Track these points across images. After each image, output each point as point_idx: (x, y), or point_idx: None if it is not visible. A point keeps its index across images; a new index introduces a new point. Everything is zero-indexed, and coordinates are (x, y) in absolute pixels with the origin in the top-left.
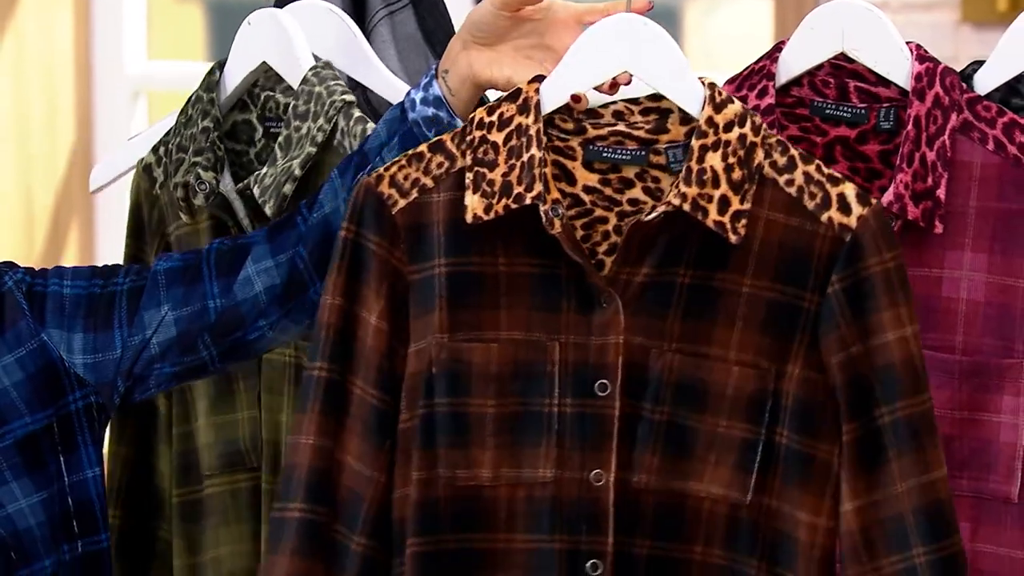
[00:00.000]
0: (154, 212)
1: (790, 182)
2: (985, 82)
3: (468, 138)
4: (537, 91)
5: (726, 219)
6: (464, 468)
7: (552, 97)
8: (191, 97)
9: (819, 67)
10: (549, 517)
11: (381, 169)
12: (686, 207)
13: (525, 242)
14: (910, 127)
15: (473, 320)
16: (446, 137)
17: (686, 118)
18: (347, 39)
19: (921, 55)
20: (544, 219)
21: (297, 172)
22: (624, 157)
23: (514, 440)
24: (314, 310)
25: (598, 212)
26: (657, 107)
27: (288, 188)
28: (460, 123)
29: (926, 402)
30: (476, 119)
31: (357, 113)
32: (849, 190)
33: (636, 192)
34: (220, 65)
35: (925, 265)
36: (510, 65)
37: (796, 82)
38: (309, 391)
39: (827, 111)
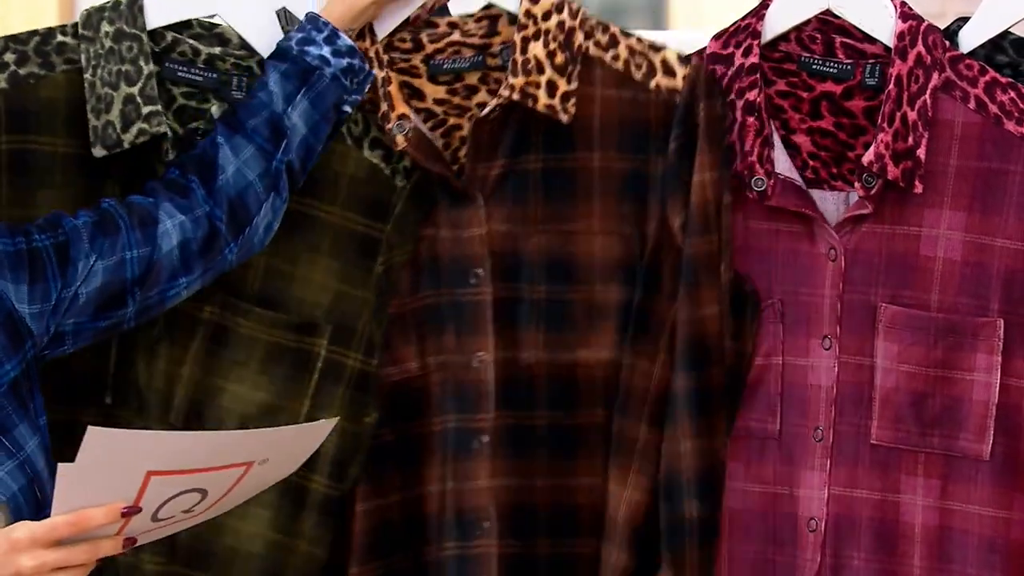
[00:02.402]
0: None
1: (616, 57)
2: (970, 39)
3: None
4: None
5: (555, 101)
6: (392, 364)
7: (385, 21)
8: (100, 19)
9: (807, 22)
10: (447, 399)
11: None
12: (516, 97)
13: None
14: (892, 86)
15: None
16: None
17: (513, 18)
18: None
19: (905, 13)
20: (389, 137)
21: None
22: (463, 65)
23: (428, 332)
24: (224, 269)
25: (452, 120)
26: (488, 14)
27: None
28: (370, 70)
29: (710, 243)
30: None
31: None
32: (671, 54)
33: (482, 96)
34: None
35: (904, 223)
36: None
37: (784, 37)
38: None
39: (814, 66)
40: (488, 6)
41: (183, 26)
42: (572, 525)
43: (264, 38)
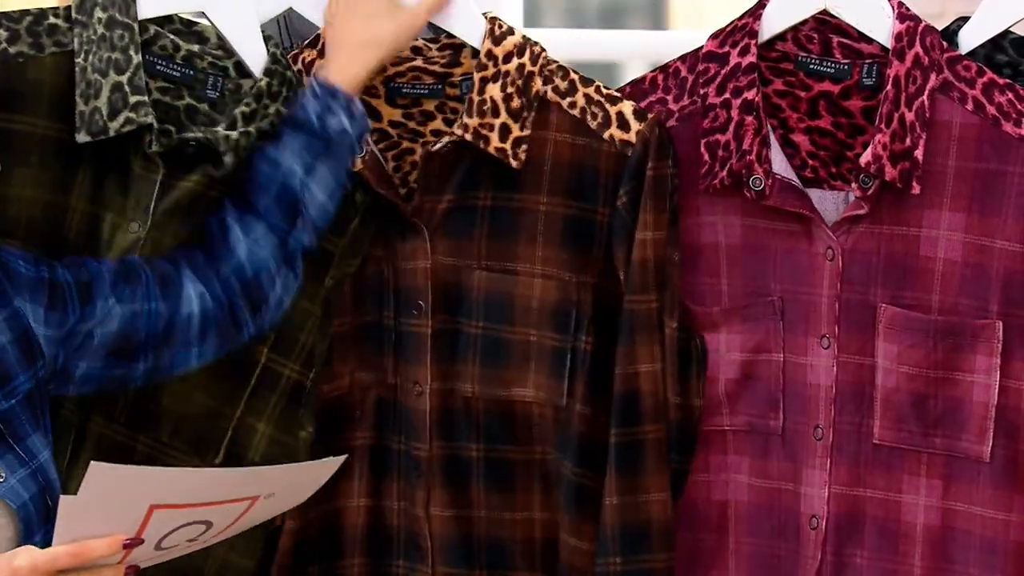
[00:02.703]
0: None
1: (572, 104)
2: (969, 39)
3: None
4: None
5: (507, 145)
6: (327, 381)
7: None
8: (95, 5)
9: (803, 22)
10: (384, 419)
11: None
12: (468, 137)
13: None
14: (889, 87)
15: None
16: None
17: (476, 52)
18: None
19: (903, 13)
20: None
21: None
22: (422, 91)
23: (367, 353)
24: (237, 345)
25: (405, 144)
26: (451, 43)
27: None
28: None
29: (650, 302)
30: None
31: None
32: (627, 108)
33: (437, 124)
34: None
35: (903, 224)
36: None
37: (781, 37)
38: None
39: (811, 66)
40: (451, 35)
41: (165, 20)
42: (507, 558)
43: (246, 40)
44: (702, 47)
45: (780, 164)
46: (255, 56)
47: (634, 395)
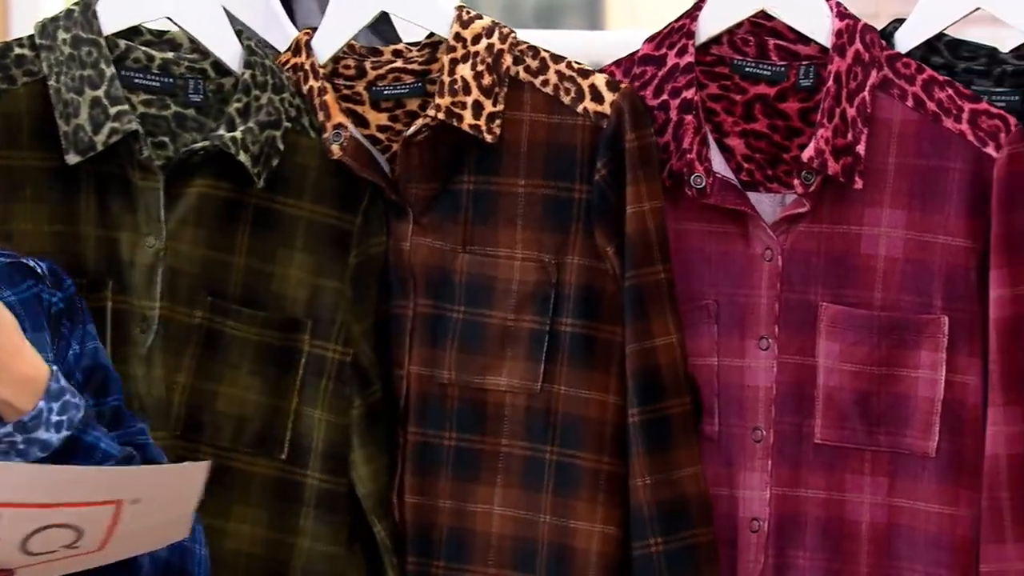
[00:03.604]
0: None
1: (545, 82)
2: (905, 40)
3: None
4: (307, 34)
5: (481, 122)
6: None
7: (327, 43)
8: (56, 27)
9: (739, 25)
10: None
11: None
12: (441, 116)
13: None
14: (831, 83)
15: None
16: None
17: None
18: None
19: (841, 12)
20: (324, 146)
21: (280, 146)
22: (403, 91)
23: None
24: None
25: (395, 147)
26: (430, 42)
27: (275, 162)
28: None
29: (657, 273)
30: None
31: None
32: (599, 80)
33: (421, 118)
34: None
35: (844, 222)
36: None
37: (716, 40)
38: None
39: (747, 69)
40: (431, 35)
41: (133, 33)
42: (464, 550)
43: (218, 38)
44: (638, 51)
45: (719, 164)
46: (231, 52)
47: (653, 370)
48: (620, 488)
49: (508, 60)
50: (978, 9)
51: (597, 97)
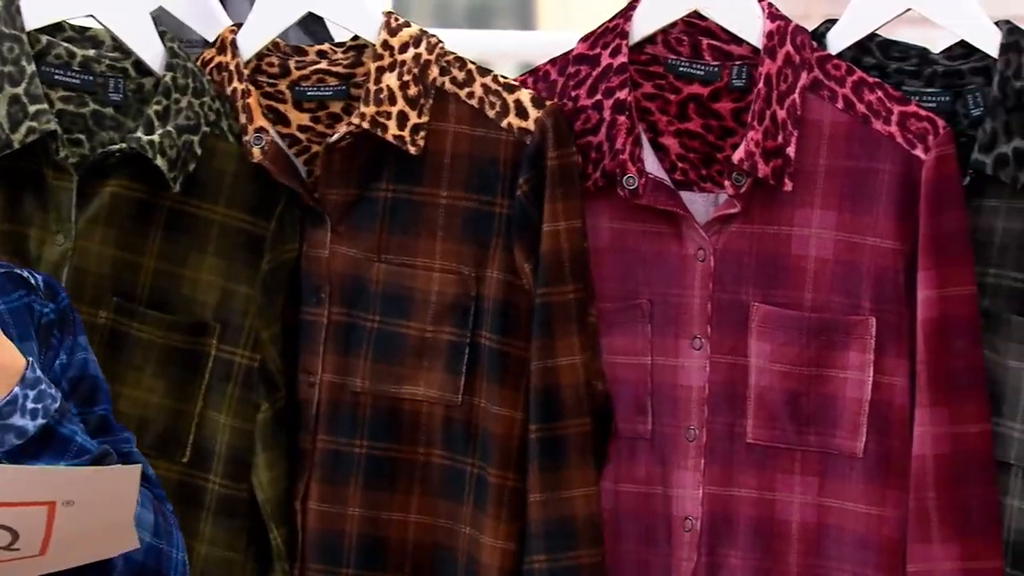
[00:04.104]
0: None
1: (471, 95)
2: (837, 41)
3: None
4: (232, 32)
5: (405, 133)
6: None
7: (251, 40)
8: None
9: (672, 25)
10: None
11: None
12: (365, 125)
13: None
14: (761, 85)
15: None
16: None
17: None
18: None
19: (772, 13)
20: (245, 149)
21: (198, 151)
22: (327, 93)
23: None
24: None
25: (315, 148)
26: (355, 44)
27: (192, 166)
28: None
29: (567, 293)
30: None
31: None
32: (524, 95)
33: (344, 125)
34: None
35: (775, 222)
36: None
37: (650, 40)
38: None
39: (680, 69)
40: (356, 36)
41: (55, 29)
42: (379, 558)
43: (140, 38)
44: (572, 50)
45: (652, 164)
46: (153, 53)
47: (554, 389)
48: (523, 505)
49: (435, 71)
50: (909, 10)
51: (522, 113)
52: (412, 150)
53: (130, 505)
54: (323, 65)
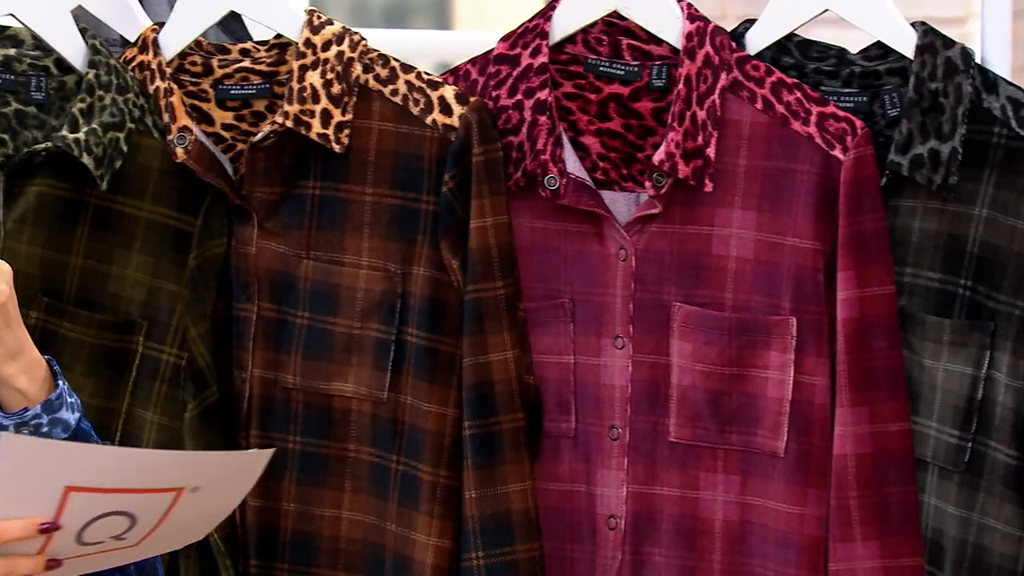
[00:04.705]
0: None
1: (394, 92)
2: (756, 41)
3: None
4: (155, 31)
5: (329, 131)
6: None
7: (173, 39)
8: None
9: (592, 24)
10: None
11: None
12: (289, 124)
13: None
14: (681, 86)
15: None
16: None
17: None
18: None
19: (692, 14)
20: (169, 149)
21: (124, 148)
22: (250, 92)
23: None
24: None
25: (239, 147)
26: (279, 42)
27: (118, 163)
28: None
29: (496, 288)
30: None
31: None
32: (448, 92)
33: (268, 124)
34: None
35: (696, 223)
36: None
37: (570, 39)
38: None
39: (601, 68)
40: (279, 35)
41: None
42: (313, 554)
43: (61, 35)
44: (492, 49)
45: (573, 164)
46: (74, 50)
47: (487, 386)
48: (457, 502)
49: (358, 68)
50: (827, 11)
51: (446, 109)
52: (336, 148)
53: (245, 490)
54: (246, 64)
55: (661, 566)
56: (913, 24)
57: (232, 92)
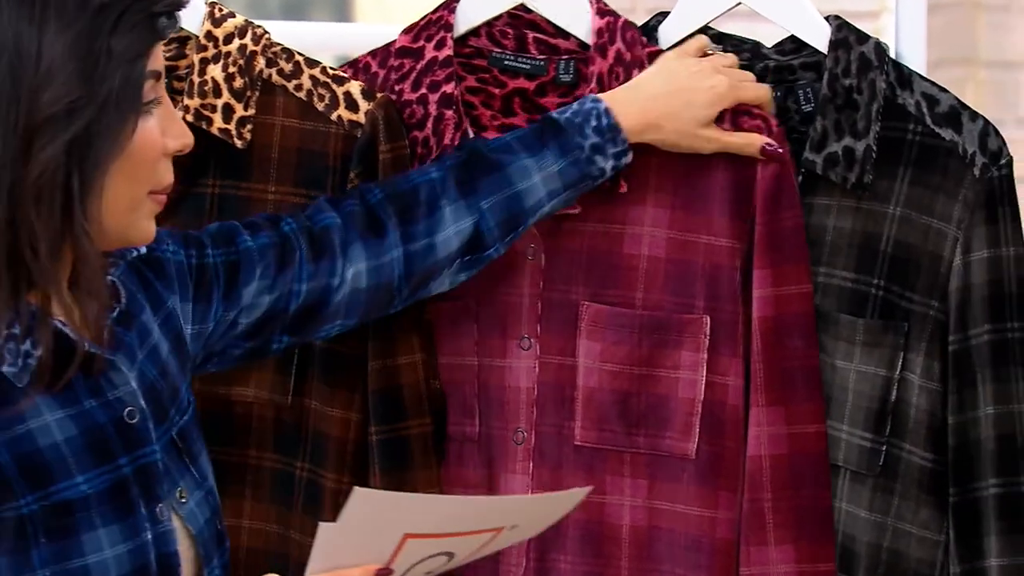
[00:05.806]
0: None
1: (299, 87)
2: (669, 35)
3: None
4: None
5: (231, 126)
6: None
7: None
8: None
9: (497, 17)
10: None
11: None
12: (189, 118)
13: None
14: (593, 84)
15: None
16: None
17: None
18: None
19: (601, 8)
20: None
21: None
22: None
23: None
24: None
25: None
26: (178, 36)
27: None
28: None
29: None
30: None
31: None
32: (354, 87)
33: None
34: None
35: (608, 220)
36: None
37: (474, 32)
38: None
39: (506, 62)
40: (180, 29)
41: None
42: None
43: None
44: (393, 42)
45: None
46: None
47: (395, 390)
48: None
49: (261, 62)
50: (740, 4)
51: (352, 105)
52: (239, 143)
53: (554, 521)
54: None
55: (567, 572)
56: (827, 18)
57: None
